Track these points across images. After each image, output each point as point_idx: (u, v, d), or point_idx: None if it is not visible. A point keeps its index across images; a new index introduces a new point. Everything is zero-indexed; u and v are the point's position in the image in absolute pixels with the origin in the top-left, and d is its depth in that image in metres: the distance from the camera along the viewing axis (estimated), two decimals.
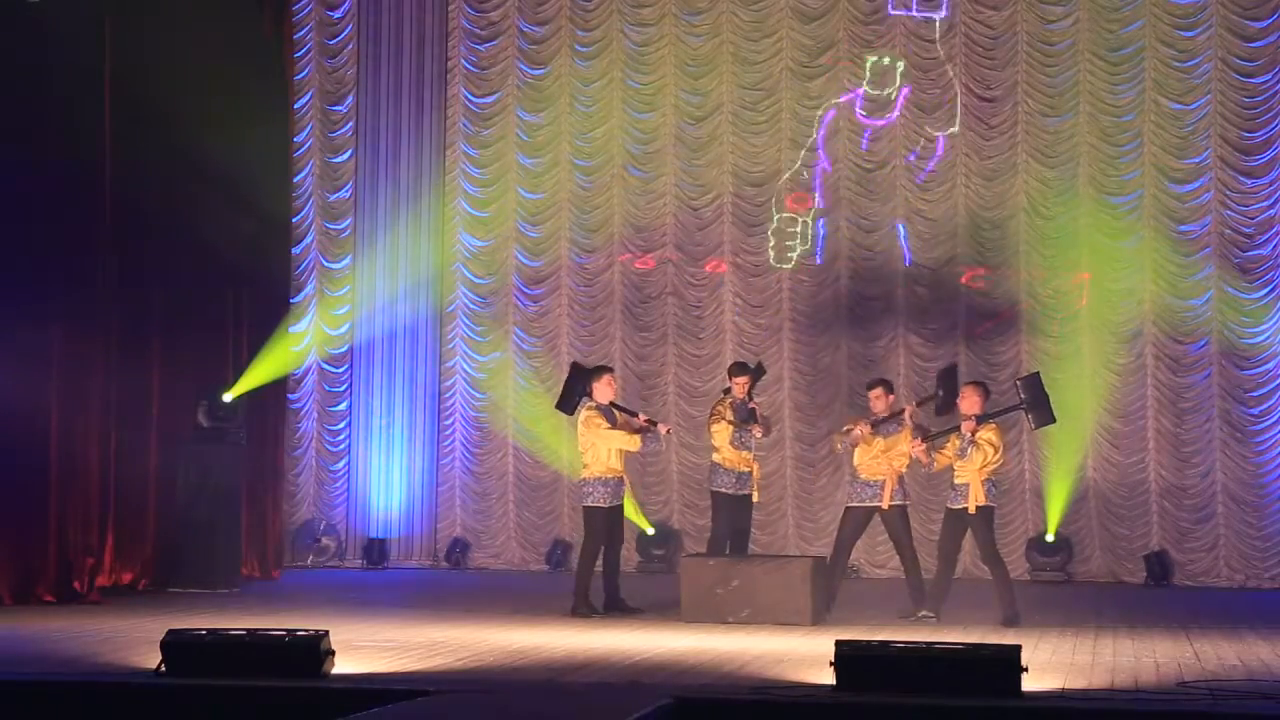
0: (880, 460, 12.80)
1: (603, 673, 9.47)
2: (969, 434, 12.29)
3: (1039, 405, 12.61)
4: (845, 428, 13.27)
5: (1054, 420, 12.94)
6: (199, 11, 15.65)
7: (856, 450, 12.88)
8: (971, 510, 12.32)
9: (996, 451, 12.38)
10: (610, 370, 13.59)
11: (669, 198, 17.83)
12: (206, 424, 15.24)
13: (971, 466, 12.29)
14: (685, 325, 17.74)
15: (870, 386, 13.31)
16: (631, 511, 16.74)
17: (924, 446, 12.54)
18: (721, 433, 13.43)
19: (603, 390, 13.19)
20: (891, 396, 13.10)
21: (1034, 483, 16.75)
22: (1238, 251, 16.55)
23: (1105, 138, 16.90)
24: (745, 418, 13.50)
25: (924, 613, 12.51)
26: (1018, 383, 13.02)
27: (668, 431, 13.86)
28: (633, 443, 13.05)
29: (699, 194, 17.81)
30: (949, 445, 12.49)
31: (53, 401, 13.68)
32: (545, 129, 18.13)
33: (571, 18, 18.09)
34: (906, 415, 12.74)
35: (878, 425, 12.80)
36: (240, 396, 15.55)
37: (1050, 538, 16.51)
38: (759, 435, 13.54)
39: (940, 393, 12.83)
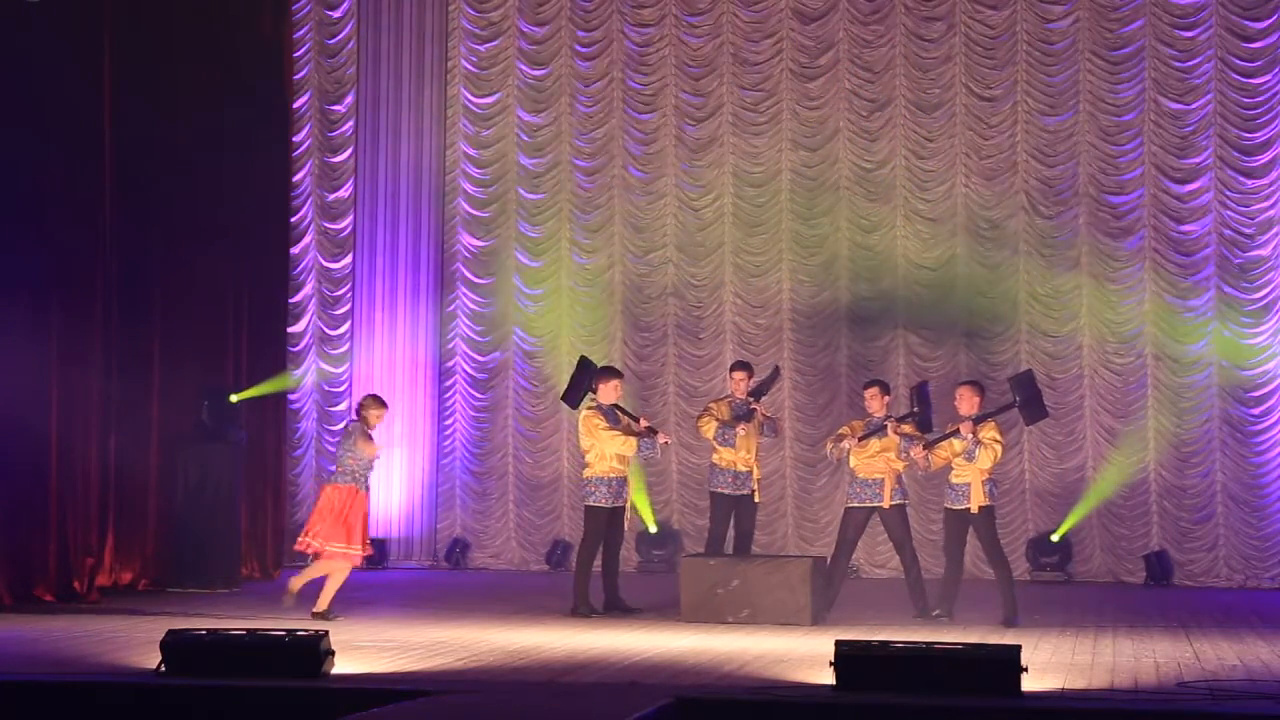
0: (877, 459, 12.78)
1: (603, 673, 9.46)
2: (970, 435, 12.28)
3: (1031, 402, 12.65)
4: (839, 431, 13.28)
5: (1046, 415, 13.10)
6: (199, 11, 15.67)
7: (851, 451, 12.88)
8: (974, 510, 12.33)
9: (1003, 448, 12.46)
10: (619, 375, 13.44)
11: (669, 198, 17.81)
12: (207, 424, 15.24)
13: (979, 466, 12.29)
14: (685, 325, 17.73)
15: (866, 386, 13.31)
16: (642, 506, 16.75)
17: (924, 452, 12.52)
18: (705, 427, 13.42)
19: (607, 392, 13.13)
20: (888, 397, 13.08)
21: (1034, 483, 16.73)
22: (1238, 251, 16.54)
23: (1105, 137, 16.89)
24: (741, 416, 13.47)
25: (936, 612, 12.52)
26: (1010, 381, 13.07)
27: (666, 443, 13.74)
28: (627, 446, 12.95)
29: (699, 194, 17.80)
30: (945, 447, 12.48)
31: (52, 401, 13.67)
32: (545, 129, 18.13)
33: (572, 18, 18.09)
34: (890, 431, 12.71)
35: (863, 439, 12.80)
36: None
37: (1055, 538, 16.49)
38: (742, 434, 13.36)
39: (916, 409, 12.81)
